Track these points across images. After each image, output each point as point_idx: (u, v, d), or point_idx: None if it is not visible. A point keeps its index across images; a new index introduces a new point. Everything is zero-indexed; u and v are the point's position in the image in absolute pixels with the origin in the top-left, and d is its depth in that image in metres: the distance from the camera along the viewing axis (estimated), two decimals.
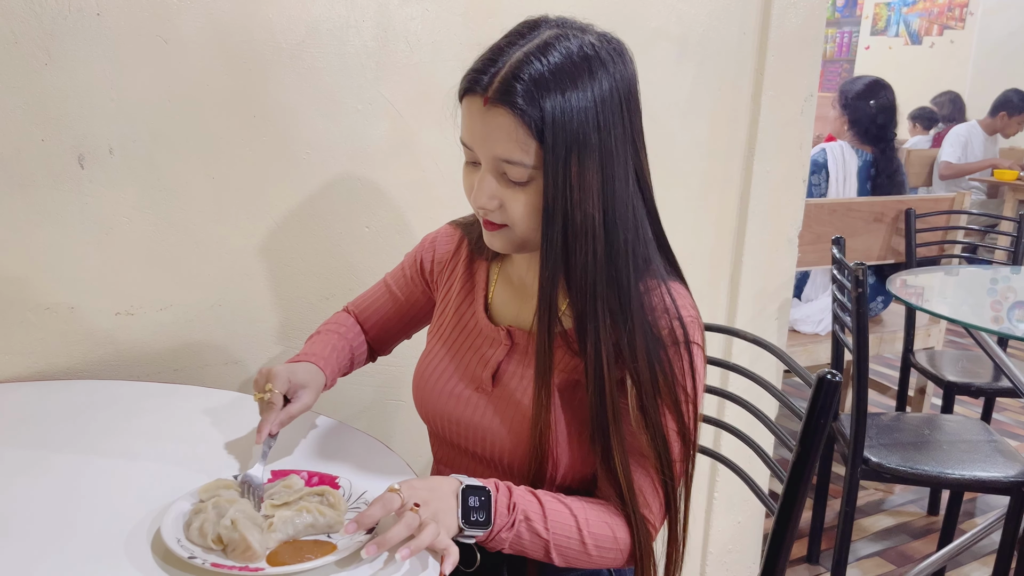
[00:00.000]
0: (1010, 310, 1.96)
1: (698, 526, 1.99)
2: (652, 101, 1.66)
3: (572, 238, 0.86)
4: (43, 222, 1.19)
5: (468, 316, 1.06)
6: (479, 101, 0.85)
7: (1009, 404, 3.51)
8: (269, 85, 1.28)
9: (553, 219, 0.86)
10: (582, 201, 0.85)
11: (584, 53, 0.84)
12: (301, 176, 1.34)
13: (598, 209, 0.86)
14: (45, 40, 1.13)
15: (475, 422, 0.99)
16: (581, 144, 0.84)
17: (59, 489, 0.92)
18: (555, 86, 0.82)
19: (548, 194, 0.85)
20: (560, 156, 0.84)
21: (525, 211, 0.88)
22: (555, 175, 0.84)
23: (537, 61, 0.83)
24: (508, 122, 0.84)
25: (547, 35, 0.85)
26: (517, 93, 0.82)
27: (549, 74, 0.82)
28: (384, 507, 0.81)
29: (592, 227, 0.86)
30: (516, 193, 0.88)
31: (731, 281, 1.85)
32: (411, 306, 1.18)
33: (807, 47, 1.77)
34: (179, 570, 0.77)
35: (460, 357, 1.03)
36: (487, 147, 0.87)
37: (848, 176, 2.83)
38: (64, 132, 1.17)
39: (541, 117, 0.82)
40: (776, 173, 1.81)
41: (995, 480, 1.80)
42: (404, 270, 1.18)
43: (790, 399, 1.10)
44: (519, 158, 0.85)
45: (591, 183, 0.85)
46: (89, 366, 1.26)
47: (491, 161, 0.88)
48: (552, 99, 0.82)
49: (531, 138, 0.84)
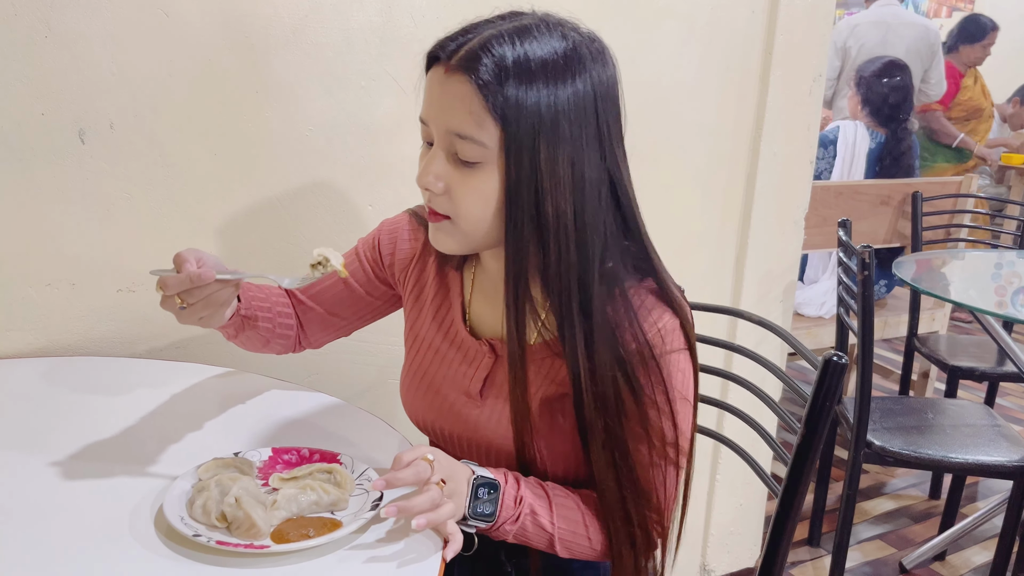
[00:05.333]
0: (1015, 294, 1.95)
1: (700, 508, 2.00)
2: (659, 81, 1.65)
3: (543, 231, 0.81)
4: (44, 198, 1.18)
5: (448, 327, 1.00)
6: (441, 70, 0.81)
7: (1012, 389, 3.51)
8: (272, 60, 1.27)
9: (519, 207, 0.81)
10: (553, 191, 0.80)
11: (562, 46, 0.80)
12: (304, 153, 1.33)
13: (569, 204, 0.81)
14: (45, 12, 1.12)
15: (466, 436, 0.98)
16: (550, 132, 0.79)
17: (61, 466, 0.91)
18: (523, 70, 0.78)
19: (511, 179, 0.80)
20: (526, 142, 0.79)
21: (472, 199, 0.83)
22: (519, 159, 0.79)
23: (510, 41, 0.79)
24: (466, 91, 0.79)
25: (528, 21, 0.82)
26: (481, 63, 0.78)
27: (520, 56, 0.78)
28: (416, 475, 0.79)
29: (564, 222, 0.81)
30: (465, 176, 0.82)
31: (737, 263, 1.84)
32: (368, 299, 1.09)
33: (816, 27, 1.75)
34: (184, 548, 0.77)
35: (445, 371, 0.99)
36: (441, 119, 0.82)
37: (856, 157, 2.80)
38: (64, 107, 1.16)
39: (503, 97, 0.77)
40: (783, 154, 1.79)
41: (998, 464, 1.79)
42: (361, 258, 1.08)
43: (795, 382, 1.10)
44: (472, 133, 0.80)
45: (562, 175, 0.80)
46: (90, 343, 1.26)
47: (444, 136, 0.82)
48: (518, 81, 0.78)
49: (487, 115, 0.78)
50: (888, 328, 2.74)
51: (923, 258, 2.31)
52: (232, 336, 1.02)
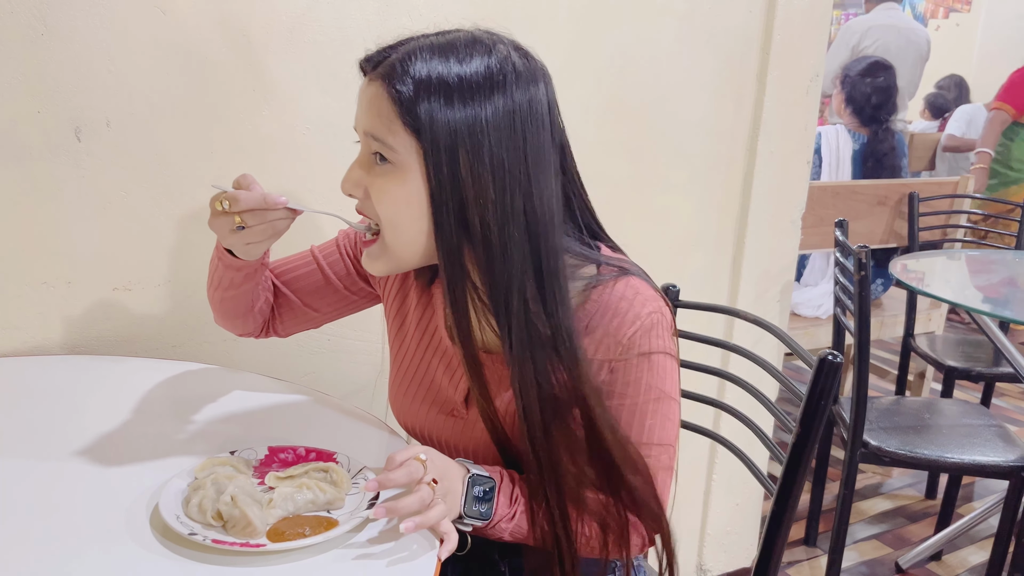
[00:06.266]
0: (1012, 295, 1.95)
1: (696, 508, 2.00)
2: (656, 80, 1.65)
3: (472, 239, 0.82)
4: (39, 196, 1.18)
5: (431, 335, 1.00)
6: (365, 79, 0.84)
7: (1008, 389, 3.52)
8: (268, 58, 1.26)
9: (444, 214, 0.81)
10: (476, 202, 0.80)
11: (485, 63, 0.80)
12: (300, 151, 1.33)
13: (494, 216, 0.80)
14: (41, 10, 1.12)
15: (455, 443, 0.98)
16: (468, 146, 0.79)
17: (56, 465, 0.91)
18: (441, 84, 0.79)
19: (432, 186, 0.80)
20: (445, 154, 0.79)
21: (389, 201, 0.83)
22: (438, 169, 0.79)
23: (431, 55, 0.80)
24: (378, 94, 0.81)
25: (454, 37, 0.83)
26: (395, 75, 0.79)
27: (439, 71, 0.79)
28: (409, 476, 0.79)
29: (488, 234, 0.81)
30: (381, 181, 0.83)
31: (734, 262, 1.84)
32: (345, 294, 1.08)
33: (814, 27, 1.75)
34: (179, 546, 0.77)
35: (431, 380, 1.00)
36: (360, 123, 0.84)
37: (841, 161, 2.81)
38: (60, 104, 1.16)
39: (416, 109, 0.78)
40: (780, 154, 1.79)
41: (994, 464, 1.80)
42: (340, 252, 1.08)
43: (792, 382, 1.10)
44: (383, 136, 0.81)
45: (485, 188, 0.80)
46: (87, 341, 1.25)
47: (364, 140, 0.84)
48: (434, 95, 0.78)
49: (399, 124, 0.80)
50: (885, 328, 2.74)
51: (920, 258, 2.32)
52: (235, 284, 1.00)
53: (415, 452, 0.81)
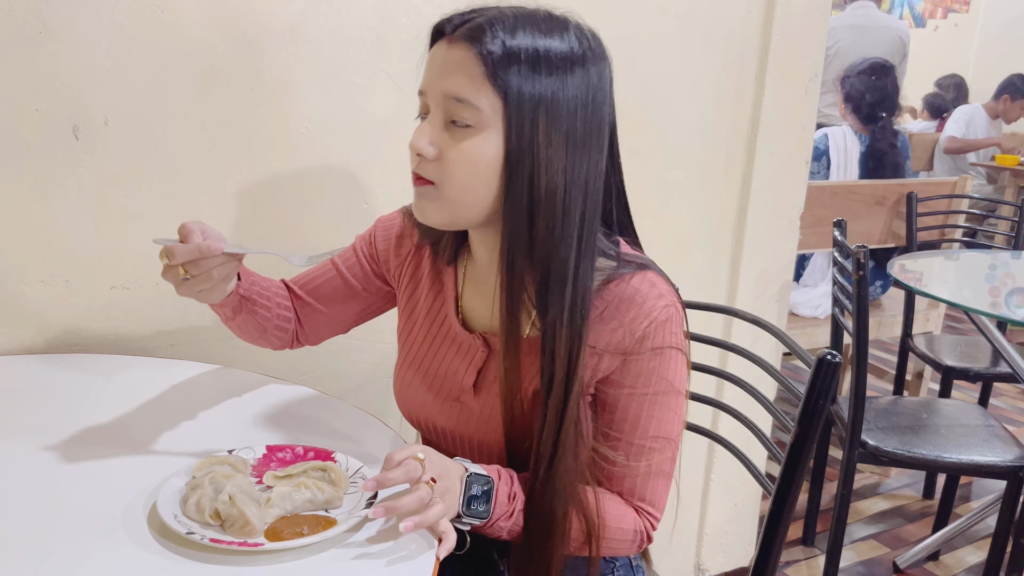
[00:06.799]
0: (1008, 295, 1.95)
1: (694, 507, 2.00)
2: (655, 79, 1.64)
3: (535, 204, 0.83)
4: (37, 194, 1.18)
5: (441, 322, 1.01)
6: (445, 42, 0.84)
7: (1006, 389, 3.52)
8: (267, 57, 1.26)
9: (518, 176, 0.82)
10: (548, 166, 0.82)
11: (566, 36, 0.83)
12: (299, 151, 1.33)
13: (561, 181, 0.83)
14: (40, 8, 1.11)
15: (459, 432, 0.98)
16: (550, 111, 0.81)
17: (54, 463, 0.91)
18: (528, 51, 0.80)
19: (512, 147, 0.82)
20: (527, 115, 0.81)
21: (463, 163, 0.83)
22: (520, 130, 0.81)
23: (516, 21, 0.82)
24: (466, 56, 0.81)
25: (536, 10, 0.85)
26: (485, 36, 0.80)
27: (526, 39, 0.81)
28: (407, 474, 0.79)
29: (554, 199, 0.83)
30: (458, 141, 0.83)
31: (732, 262, 1.84)
32: (363, 294, 1.10)
33: (813, 27, 1.75)
34: (177, 545, 0.77)
35: (438, 366, 1.00)
36: (439, 84, 0.84)
37: (849, 162, 2.81)
38: (59, 102, 1.15)
39: (505, 70, 0.80)
40: (779, 154, 1.79)
41: (992, 464, 1.80)
42: (357, 253, 1.10)
43: (790, 381, 1.10)
44: (469, 97, 0.81)
45: (557, 152, 0.82)
46: (84, 340, 1.25)
47: (441, 100, 0.84)
48: (520, 59, 0.80)
49: (487, 83, 0.81)
50: (883, 328, 2.75)
51: (918, 258, 2.32)
52: (229, 318, 1.02)
53: (413, 451, 0.81)
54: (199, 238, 0.86)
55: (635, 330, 0.88)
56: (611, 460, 0.91)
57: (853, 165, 2.81)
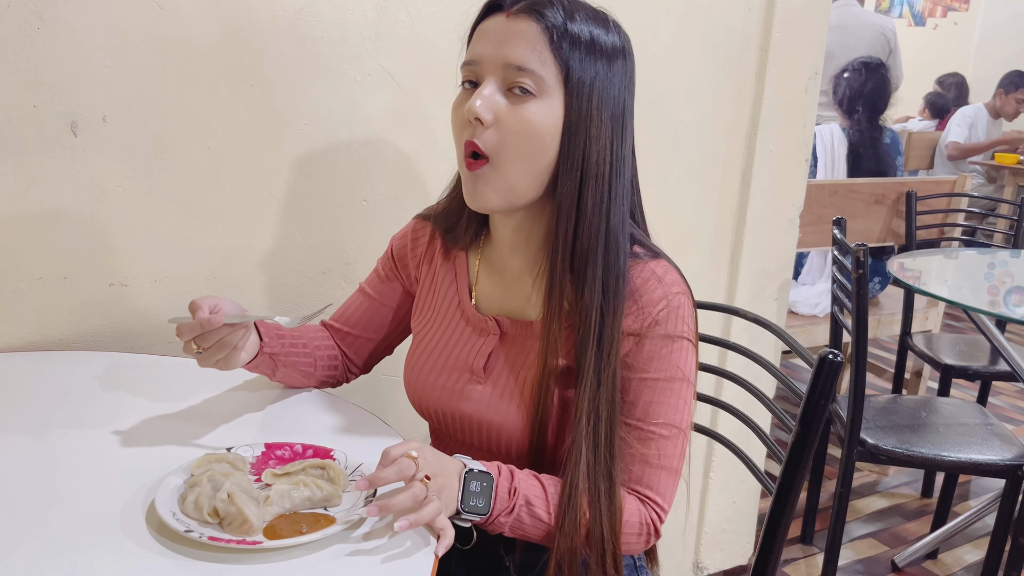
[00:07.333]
0: (1008, 293, 1.95)
1: (694, 505, 2.00)
2: (655, 77, 1.64)
3: (585, 177, 0.87)
4: (35, 190, 1.17)
5: (454, 307, 1.03)
6: (502, 16, 0.86)
7: (1005, 388, 3.53)
8: (266, 54, 1.26)
9: (574, 147, 0.86)
10: (599, 139, 0.86)
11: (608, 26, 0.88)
12: (298, 147, 1.32)
13: (608, 155, 0.87)
14: (38, 4, 1.11)
15: (470, 414, 0.98)
16: (603, 87, 0.86)
17: (52, 461, 0.91)
18: (584, 30, 0.85)
19: (571, 117, 0.85)
20: (585, 88, 0.85)
21: (520, 131, 0.85)
22: (579, 102, 0.85)
23: (571, 3, 0.86)
24: (532, 31, 0.84)
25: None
26: (548, 8, 0.84)
27: (580, 17, 0.85)
28: (400, 473, 0.80)
29: (602, 171, 0.87)
30: (517, 109, 0.85)
31: (731, 260, 1.84)
32: (393, 308, 1.13)
33: (812, 25, 1.75)
34: (176, 543, 0.77)
35: (451, 350, 1.01)
36: (500, 53, 0.85)
37: (837, 160, 2.82)
38: (57, 99, 1.15)
39: (568, 43, 0.84)
40: (779, 152, 1.79)
41: (990, 463, 1.80)
42: (379, 272, 1.14)
43: (790, 380, 1.10)
44: (534, 67, 0.84)
45: (606, 128, 0.87)
46: (82, 337, 1.25)
47: (499, 70, 0.86)
48: (578, 38, 0.84)
49: (550, 55, 0.84)
50: (882, 327, 2.75)
51: (917, 256, 2.32)
52: (271, 376, 1.07)
53: (407, 449, 0.81)
54: (204, 313, 0.90)
55: (651, 312, 0.90)
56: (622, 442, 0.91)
57: (841, 162, 2.81)
